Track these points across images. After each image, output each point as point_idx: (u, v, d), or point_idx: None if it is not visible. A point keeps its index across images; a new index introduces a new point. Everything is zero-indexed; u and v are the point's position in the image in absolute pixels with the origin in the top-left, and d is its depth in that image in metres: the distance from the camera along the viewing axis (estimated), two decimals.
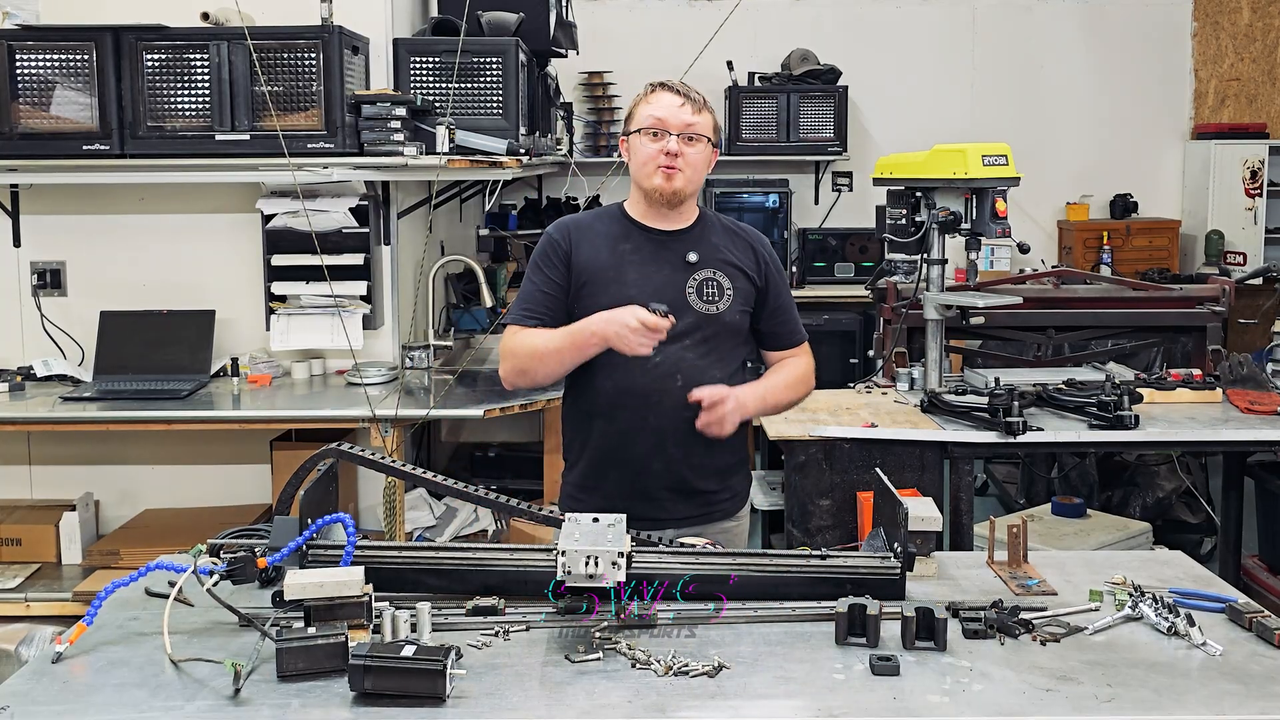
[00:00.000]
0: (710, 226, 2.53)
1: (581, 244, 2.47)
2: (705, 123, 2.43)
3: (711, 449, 2.44)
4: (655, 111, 2.41)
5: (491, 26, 4.54)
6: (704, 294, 2.45)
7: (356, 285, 4.15)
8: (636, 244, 2.47)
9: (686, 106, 2.41)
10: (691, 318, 2.43)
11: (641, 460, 2.43)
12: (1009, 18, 7.34)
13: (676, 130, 2.39)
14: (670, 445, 2.42)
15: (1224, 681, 1.72)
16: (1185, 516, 4.93)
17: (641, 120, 2.43)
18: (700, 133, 2.42)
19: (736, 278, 2.48)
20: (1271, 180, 7.22)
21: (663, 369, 2.39)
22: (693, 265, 2.46)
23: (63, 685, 1.71)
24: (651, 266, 2.45)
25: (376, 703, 1.63)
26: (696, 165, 2.43)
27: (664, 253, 2.46)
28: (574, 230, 2.50)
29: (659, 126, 2.40)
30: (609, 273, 2.43)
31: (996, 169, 3.45)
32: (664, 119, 2.40)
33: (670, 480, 2.44)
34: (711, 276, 2.46)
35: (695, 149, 2.42)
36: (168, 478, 4.35)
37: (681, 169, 2.40)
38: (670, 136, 2.39)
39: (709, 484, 2.49)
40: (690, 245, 2.48)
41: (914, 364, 3.97)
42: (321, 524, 2.00)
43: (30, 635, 3.74)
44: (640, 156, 2.43)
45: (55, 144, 3.86)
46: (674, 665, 1.74)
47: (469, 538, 4.25)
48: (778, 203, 6.86)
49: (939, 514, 2.16)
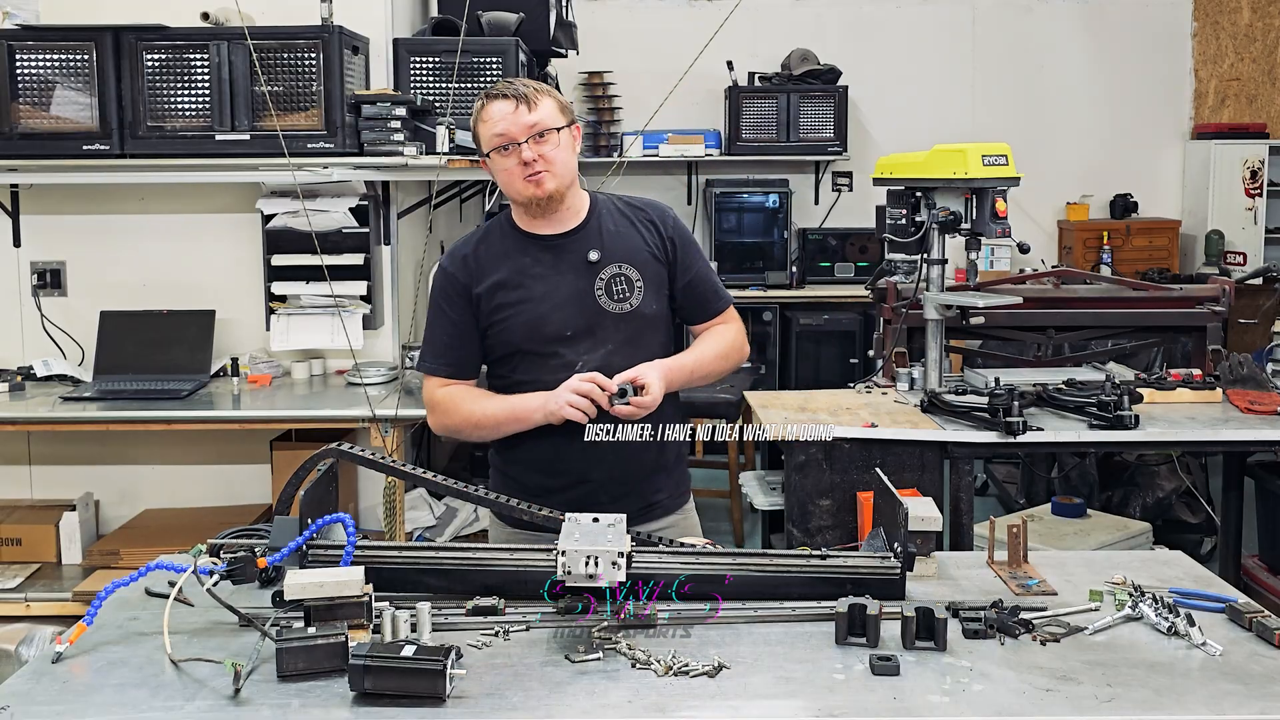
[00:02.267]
0: (606, 214, 2.41)
1: (479, 271, 2.37)
2: (548, 113, 2.29)
3: (649, 449, 2.37)
4: (495, 129, 2.27)
5: (491, 26, 4.54)
6: (614, 292, 2.35)
7: (356, 285, 4.15)
8: (534, 256, 2.37)
9: (520, 109, 2.27)
10: (607, 320, 2.35)
11: (578, 472, 2.35)
12: (1009, 18, 7.34)
13: (523, 137, 2.26)
14: (606, 453, 2.33)
15: (1224, 681, 1.72)
16: (1185, 516, 4.93)
17: (487, 141, 2.30)
18: (547, 126, 2.28)
19: (645, 265, 2.38)
20: (1271, 180, 7.22)
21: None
22: (595, 264, 2.35)
23: (63, 685, 1.71)
24: (555, 276, 2.35)
25: (376, 703, 1.63)
26: (559, 159, 2.30)
27: (564, 258, 2.36)
28: (468, 258, 2.39)
29: (504, 141, 2.27)
30: (515, 293, 2.34)
31: (996, 169, 3.45)
32: (506, 132, 2.26)
33: (610, 489, 2.36)
34: (618, 272, 2.36)
35: (549, 145, 2.28)
36: (168, 478, 4.35)
37: (545, 170, 2.28)
38: (521, 146, 2.26)
39: (650, 485, 2.43)
40: (588, 243, 2.37)
41: (914, 364, 3.97)
42: (321, 524, 1.99)
43: (30, 635, 3.74)
44: (502, 176, 2.32)
45: (55, 144, 3.87)
46: (674, 665, 1.74)
47: (469, 538, 4.25)
48: (778, 203, 6.86)
49: (939, 514, 2.16)
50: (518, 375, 2.38)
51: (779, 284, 6.77)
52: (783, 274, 6.82)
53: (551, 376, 2.31)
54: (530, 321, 2.33)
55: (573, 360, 2.33)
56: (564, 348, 2.34)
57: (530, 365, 2.36)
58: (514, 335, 2.35)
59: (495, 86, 2.33)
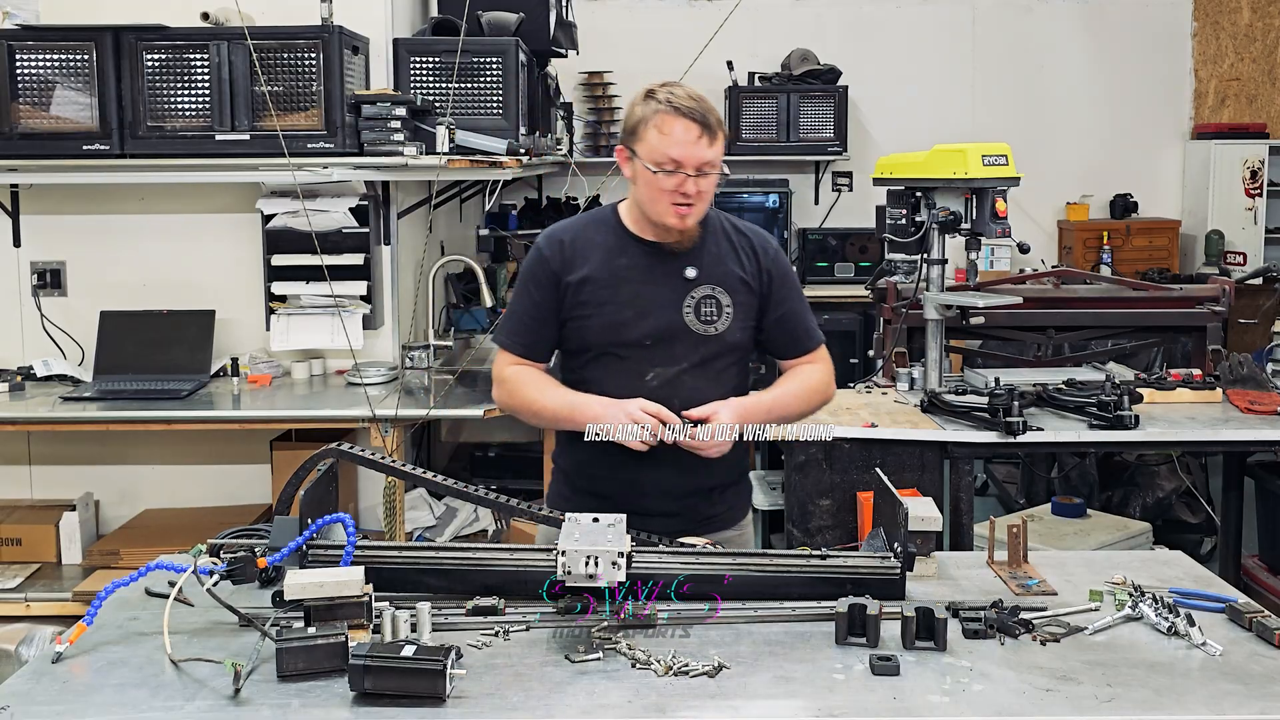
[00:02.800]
0: (712, 233, 2.37)
1: (574, 260, 2.33)
2: (720, 150, 2.24)
3: (710, 468, 2.33)
4: (671, 151, 2.19)
5: (491, 26, 4.54)
6: (701, 313, 2.32)
7: (356, 285, 4.15)
8: (633, 259, 2.33)
9: (703, 139, 2.20)
10: (689, 339, 2.32)
11: (638, 484, 2.32)
12: (1009, 18, 7.34)
13: (693, 169, 2.20)
14: (667, 469, 2.30)
15: (1224, 681, 1.72)
16: (1185, 516, 4.93)
17: (653, 152, 2.21)
18: (716, 164, 2.23)
19: (737, 291, 2.35)
20: (1271, 180, 7.22)
21: (660, 394, 2.27)
22: (690, 282, 2.32)
23: (63, 685, 1.71)
24: (648, 284, 2.31)
25: (376, 703, 1.63)
26: (709, 195, 2.27)
27: (661, 268, 2.32)
28: (566, 245, 2.35)
29: (675, 167, 2.19)
30: (605, 291, 2.31)
31: (996, 169, 3.45)
32: (681, 160, 2.19)
33: (667, 502, 2.34)
34: (710, 294, 2.32)
35: (709, 180, 2.23)
36: (168, 478, 4.35)
37: (696, 205, 2.24)
38: (687, 177, 2.20)
39: (707, 501, 2.40)
40: (689, 259, 2.33)
41: (914, 364, 3.97)
42: (321, 524, 2.00)
43: (30, 635, 3.74)
44: (650, 189, 2.24)
45: (55, 144, 3.87)
46: (674, 665, 1.74)
47: (469, 538, 4.25)
48: (778, 203, 6.86)
49: (939, 514, 2.16)
50: (587, 372, 2.36)
51: None
52: None
53: (620, 381, 2.29)
54: (612, 323, 2.30)
55: (645, 370, 2.30)
56: (639, 356, 2.31)
57: (601, 366, 2.34)
58: (592, 333, 2.32)
59: (680, 97, 2.22)
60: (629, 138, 2.29)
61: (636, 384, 2.29)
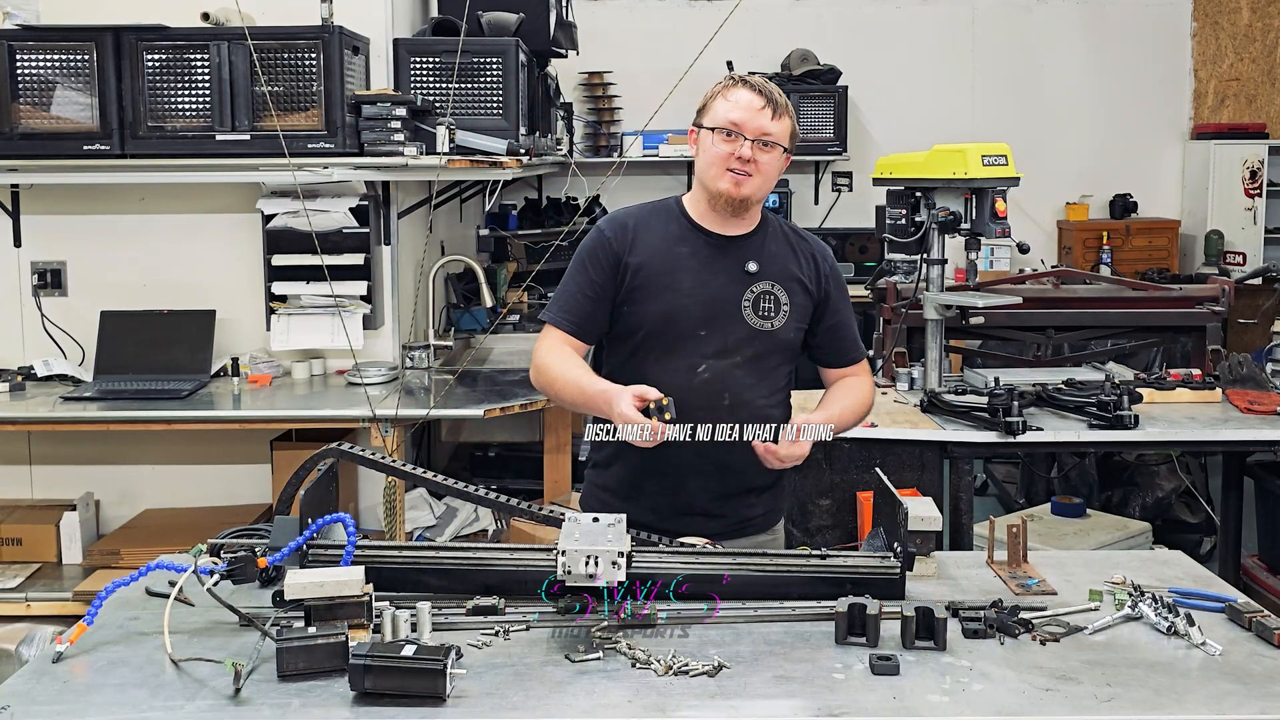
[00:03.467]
0: (772, 234, 2.39)
1: (636, 245, 2.32)
2: (783, 129, 2.27)
3: (754, 467, 2.31)
4: (732, 114, 2.25)
5: (491, 26, 4.55)
6: (760, 308, 2.32)
7: (357, 285, 4.15)
8: (694, 248, 2.33)
9: (766, 110, 2.25)
10: (744, 333, 2.31)
11: (681, 477, 2.31)
12: (1009, 18, 7.34)
13: (752, 135, 2.24)
14: (711, 463, 2.31)
15: (1224, 681, 1.72)
16: (1185, 516, 4.93)
17: (716, 117, 2.27)
18: (777, 140, 2.26)
19: (795, 292, 2.36)
20: (1271, 180, 7.22)
21: (710, 386, 2.28)
22: (751, 276, 2.33)
23: (63, 685, 1.71)
24: (708, 274, 2.31)
25: (376, 702, 1.63)
26: (768, 173, 2.28)
27: (722, 260, 2.33)
28: (629, 228, 2.35)
29: (733, 128, 2.24)
30: (664, 278, 2.30)
31: (996, 169, 3.45)
32: (740, 122, 2.24)
33: (708, 497, 2.34)
34: (769, 290, 2.33)
35: (769, 156, 2.27)
36: (168, 478, 4.35)
37: (752, 175, 2.26)
38: (745, 141, 2.24)
39: (746, 501, 2.39)
40: (750, 254, 2.34)
41: (914, 364, 3.97)
42: (321, 524, 2.00)
43: (30, 635, 3.74)
44: (709, 155, 2.28)
45: (55, 144, 3.86)
46: (674, 665, 1.74)
47: (469, 538, 4.25)
48: (778, 203, 6.86)
49: (939, 514, 2.16)
50: (637, 358, 2.34)
51: None
52: None
53: (670, 371, 2.28)
54: (669, 311, 2.29)
55: (696, 362, 2.29)
56: (692, 347, 2.30)
57: (653, 352, 2.32)
58: (649, 320, 2.31)
59: (753, 79, 2.30)
60: (699, 115, 2.33)
61: (687, 375, 2.28)
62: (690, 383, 2.28)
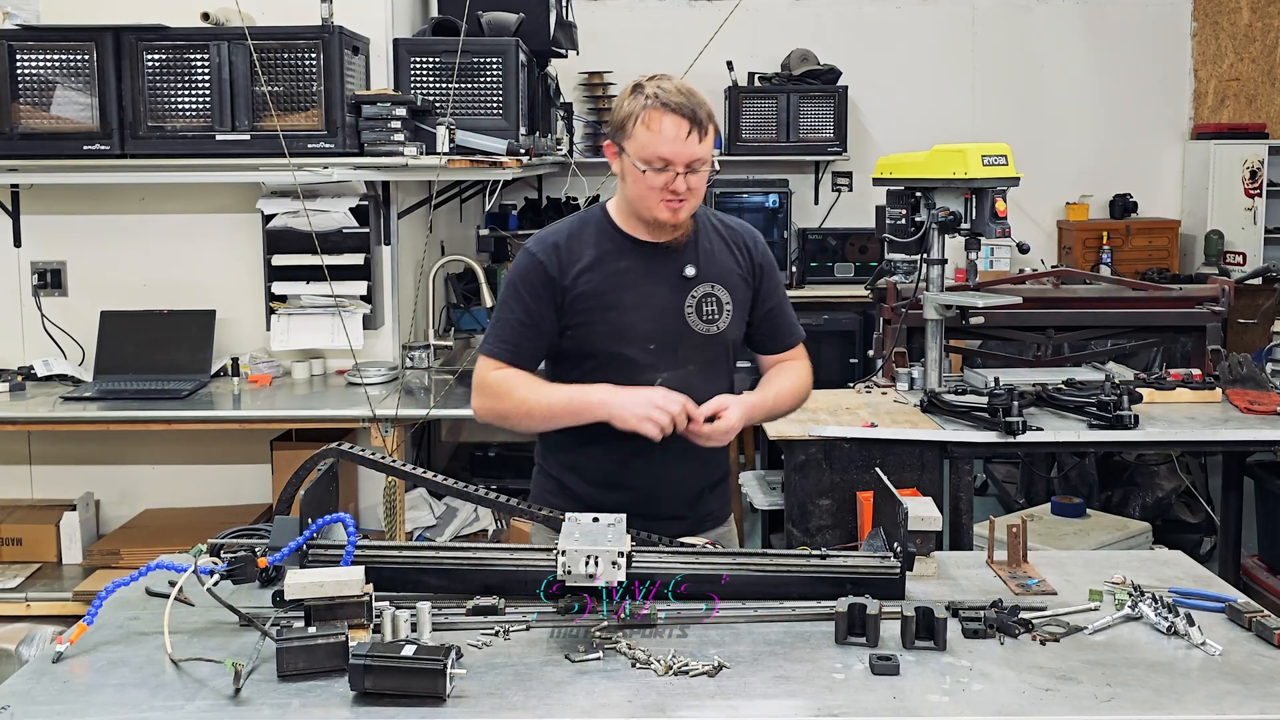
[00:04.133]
0: (703, 231, 2.33)
1: (571, 265, 2.25)
2: (709, 144, 2.18)
3: (708, 467, 2.34)
4: (660, 149, 2.13)
5: (491, 26, 4.54)
6: (704, 313, 2.28)
7: (356, 285, 4.15)
8: (631, 261, 2.26)
9: (693, 135, 2.14)
10: (694, 340, 2.28)
11: (643, 488, 2.29)
12: (1009, 18, 7.34)
13: (683, 166, 2.15)
14: (673, 471, 2.29)
15: (1224, 681, 1.72)
16: (1185, 516, 4.93)
17: (641, 149, 2.15)
18: (707, 159, 2.18)
19: (735, 288, 2.32)
20: (1271, 180, 7.22)
21: None
22: (690, 281, 2.28)
23: (63, 685, 1.71)
24: (648, 286, 2.26)
25: (376, 702, 1.63)
26: (701, 189, 2.21)
27: (659, 268, 2.27)
28: (559, 248, 2.27)
29: (664, 164, 2.14)
30: (606, 296, 2.24)
31: (996, 169, 3.45)
32: (671, 157, 2.13)
33: (670, 504, 2.32)
34: (710, 292, 2.29)
35: (700, 176, 2.18)
36: (168, 478, 4.35)
37: (687, 200, 2.18)
38: (678, 175, 2.15)
39: (703, 500, 2.38)
40: (686, 257, 2.28)
41: (914, 364, 3.97)
42: (321, 524, 2.00)
43: (30, 635, 3.74)
44: (639, 187, 2.18)
45: (55, 144, 3.87)
46: (674, 665, 1.74)
47: (469, 538, 4.25)
48: (778, 203, 6.86)
49: (939, 514, 2.16)
50: (590, 382, 2.26)
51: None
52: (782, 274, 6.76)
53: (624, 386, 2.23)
54: (616, 328, 2.24)
55: (651, 376, 2.25)
56: (644, 361, 2.26)
57: (605, 373, 2.25)
58: (597, 340, 2.26)
59: (669, 92, 2.15)
60: (617, 133, 2.21)
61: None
62: None
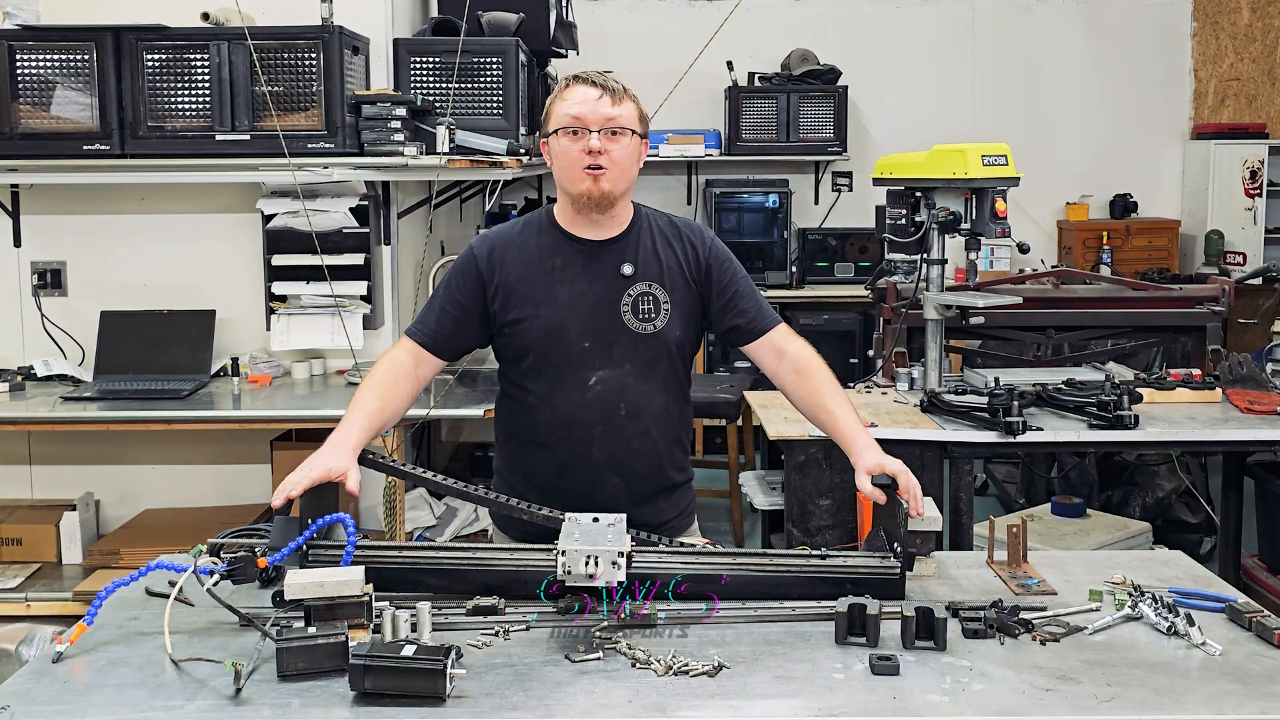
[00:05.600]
0: (645, 231, 2.33)
1: (506, 263, 2.29)
2: (628, 114, 2.23)
3: (658, 472, 2.34)
4: (571, 109, 2.20)
5: (491, 26, 4.54)
6: (640, 311, 2.27)
7: (357, 285, 4.15)
8: (567, 258, 2.28)
9: (605, 98, 2.21)
10: (629, 339, 2.27)
11: (585, 492, 2.27)
12: (1009, 18, 7.34)
13: (597, 126, 2.19)
14: (615, 475, 2.30)
15: (1224, 681, 1.72)
16: (1185, 516, 4.93)
17: (559, 119, 2.22)
18: (624, 125, 2.22)
19: (676, 289, 2.30)
20: (1271, 180, 7.22)
21: (605, 398, 2.26)
22: (627, 279, 2.28)
23: (63, 685, 1.71)
24: (584, 283, 2.27)
25: (376, 702, 1.63)
26: (623, 162, 2.23)
27: (596, 266, 2.28)
28: (498, 248, 2.31)
29: (577, 124, 2.20)
30: (540, 293, 2.27)
31: (996, 169, 3.45)
32: (582, 115, 2.19)
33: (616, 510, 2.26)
34: (647, 290, 2.28)
35: (620, 145, 2.21)
36: (168, 478, 4.35)
37: (607, 168, 2.20)
38: (591, 134, 2.19)
39: (654, 506, 2.35)
40: (624, 255, 2.29)
41: (914, 364, 3.97)
42: (321, 524, 2.00)
43: (30, 635, 3.74)
44: (562, 160, 2.23)
45: (55, 144, 3.87)
46: (674, 665, 1.74)
47: (469, 538, 4.25)
48: (778, 203, 6.86)
49: (939, 514, 2.16)
50: (528, 381, 2.32)
51: (779, 284, 6.76)
52: (782, 274, 6.82)
53: (562, 386, 2.27)
54: (550, 326, 2.26)
55: (587, 375, 2.27)
56: (580, 360, 2.27)
57: (542, 373, 2.29)
58: (531, 338, 2.28)
59: (585, 72, 2.28)
60: (544, 125, 2.29)
61: (579, 390, 2.26)
62: (584, 397, 2.26)
